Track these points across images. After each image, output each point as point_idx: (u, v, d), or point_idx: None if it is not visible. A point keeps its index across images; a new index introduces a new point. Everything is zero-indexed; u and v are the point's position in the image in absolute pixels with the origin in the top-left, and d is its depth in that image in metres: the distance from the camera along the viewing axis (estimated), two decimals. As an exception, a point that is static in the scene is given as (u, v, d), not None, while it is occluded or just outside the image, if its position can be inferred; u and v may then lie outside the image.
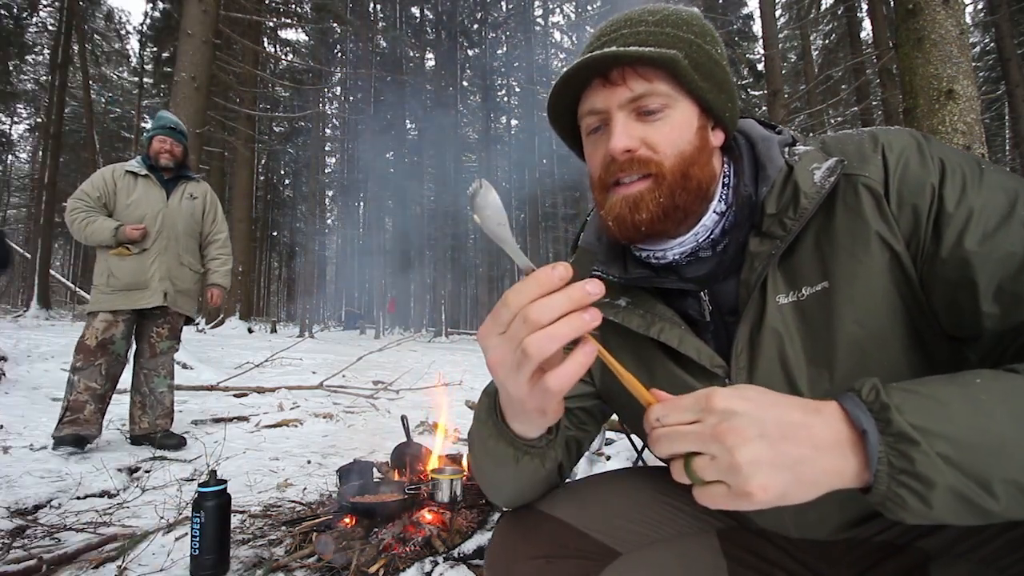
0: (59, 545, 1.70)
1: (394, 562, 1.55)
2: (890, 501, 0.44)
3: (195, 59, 6.45)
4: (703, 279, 0.71)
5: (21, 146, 30.05)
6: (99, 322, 2.89)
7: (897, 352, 0.62)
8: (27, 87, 21.64)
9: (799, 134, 0.73)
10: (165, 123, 3.16)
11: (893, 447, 0.43)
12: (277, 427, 3.61)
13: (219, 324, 13.30)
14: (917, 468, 0.42)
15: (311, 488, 2.34)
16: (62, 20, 16.25)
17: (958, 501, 0.43)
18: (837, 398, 0.48)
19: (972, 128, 2.78)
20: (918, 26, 2.85)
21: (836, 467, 0.45)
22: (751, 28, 21.75)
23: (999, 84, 16.74)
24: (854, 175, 0.63)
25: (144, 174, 3.10)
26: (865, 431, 0.44)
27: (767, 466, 0.43)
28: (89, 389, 2.81)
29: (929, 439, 0.43)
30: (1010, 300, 0.54)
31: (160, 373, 3.07)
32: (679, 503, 0.79)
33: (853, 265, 0.62)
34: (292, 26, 21.17)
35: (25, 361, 5.35)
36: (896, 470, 0.43)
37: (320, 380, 5.52)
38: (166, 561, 1.62)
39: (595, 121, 0.69)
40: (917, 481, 0.42)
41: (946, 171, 0.60)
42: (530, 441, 0.66)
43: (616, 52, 0.62)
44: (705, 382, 0.70)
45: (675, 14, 0.69)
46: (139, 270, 2.97)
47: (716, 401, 0.45)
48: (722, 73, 0.69)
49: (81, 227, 2.93)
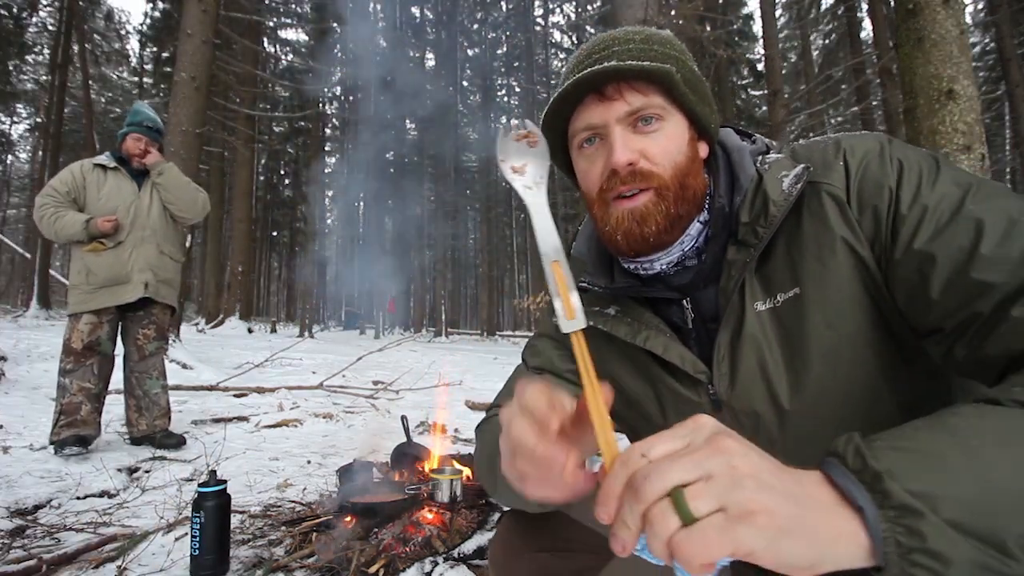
0: (59, 545, 1.70)
1: (394, 562, 1.55)
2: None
3: (195, 59, 6.44)
4: (685, 287, 0.73)
5: (21, 146, 30.07)
6: (83, 324, 2.83)
7: (869, 353, 0.64)
8: (27, 87, 21.62)
9: (773, 142, 0.75)
10: (141, 120, 3.06)
11: (898, 523, 0.37)
12: (277, 427, 3.60)
13: (219, 324, 13.31)
14: (929, 544, 0.37)
15: (311, 488, 2.34)
16: (62, 20, 16.24)
17: (978, 571, 0.38)
18: (820, 467, 0.41)
19: (972, 128, 2.78)
20: (918, 26, 2.85)
21: (840, 528, 0.37)
22: (751, 28, 21.75)
23: (999, 84, 16.75)
24: (818, 182, 0.66)
25: (113, 167, 3.03)
26: (862, 508, 0.38)
27: (771, 487, 0.36)
28: (83, 390, 2.77)
29: (935, 506, 0.37)
30: (959, 292, 0.55)
31: (152, 375, 3.03)
32: None
33: (821, 271, 0.64)
34: (292, 26, 21.17)
35: (25, 361, 5.35)
36: (906, 550, 0.37)
37: (320, 380, 5.51)
38: (166, 561, 1.62)
39: (589, 135, 0.69)
40: (932, 559, 0.37)
41: (903, 172, 0.62)
42: None
43: (617, 66, 0.64)
44: (690, 387, 0.72)
45: (657, 34, 0.72)
46: (117, 263, 2.90)
47: (705, 420, 0.40)
48: (705, 88, 0.72)
49: (50, 223, 2.83)
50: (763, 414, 0.68)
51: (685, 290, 0.73)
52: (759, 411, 0.68)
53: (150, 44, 22.08)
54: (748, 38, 21.55)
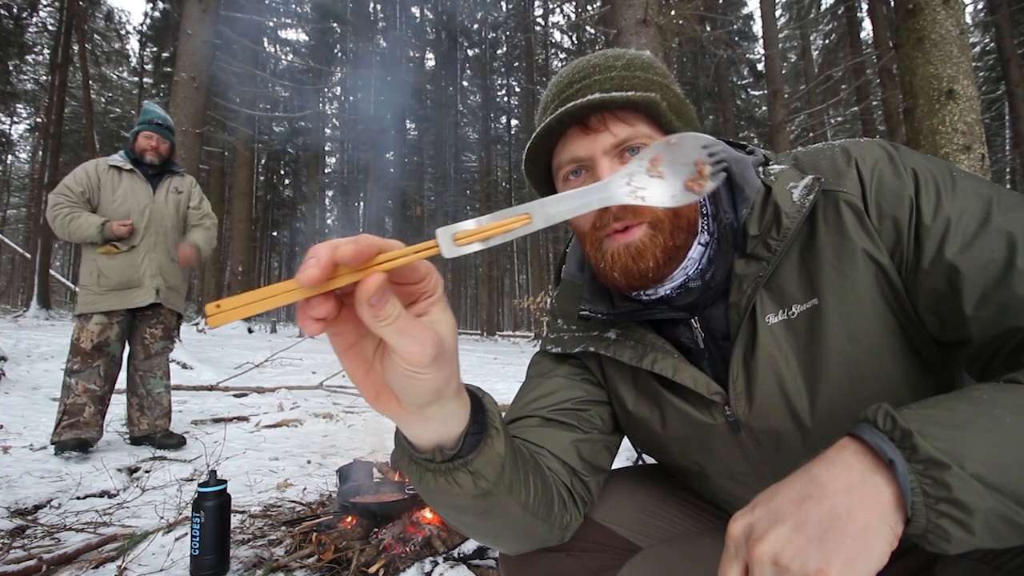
0: (59, 545, 1.70)
1: (394, 562, 1.55)
2: (932, 534, 0.41)
3: (195, 59, 6.45)
4: (692, 306, 0.70)
5: (21, 146, 30.01)
6: (94, 324, 2.83)
7: (890, 363, 0.63)
8: (27, 87, 21.62)
9: (771, 152, 0.74)
10: (152, 118, 3.06)
11: (924, 475, 0.41)
12: (277, 427, 3.60)
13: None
14: (955, 494, 0.40)
15: (311, 488, 2.34)
16: (62, 20, 16.24)
17: (999, 523, 0.41)
18: (851, 431, 0.45)
19: (972, 128, 2.78)
20: (918, 26, 2.85)
21: (872, 495, 0.41)
22: (751, 28, 21.76)
23: (999, 84, 16.73)
24: (832, 191, 0.64)
25: (129, 168, 3.01)
26: (892, 461, 0.42)
27: (795, 541, 0.41)
28: (88, 391, 2.77)
29: (960, 461, 0.40)
30: (995, 307, 0.54)
31: (156, 374, 3.03)
32: (692, 499, 0.80)
33: (840, 281, 0.63)
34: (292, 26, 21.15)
35: (25, 361, 5.35)
36: (933, 499, 0.40)
37: (320, 380, 5.51)
38: (166, 561, 1.62)
39: (574, 167, 0.67)
40: (957, 508, 0.40)
41: (920, 181, 0.61)
42: (432, 451, 0.50)
43: (603, 98, 0.62)
44: (703, 410, 0.69)
45: (638, 58, 0.70)
46: (130, 268, 2.90)
47: (733, 528, 0.46)
48: (690, 111, 0.70)
49: (64, 223, 2.82)
50: (784, 431, 0.66)
51: (691, 309, 0.70)
52: (779, 429, 0.66)
53: (150, 44, 22.07)
54: (748, 38, 21.56)
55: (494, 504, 0.55)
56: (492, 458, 0.51)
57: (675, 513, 0.79)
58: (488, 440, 0.51)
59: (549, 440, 0.71)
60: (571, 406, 0.75)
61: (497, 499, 0.54)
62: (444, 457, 0.49)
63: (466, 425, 0.49)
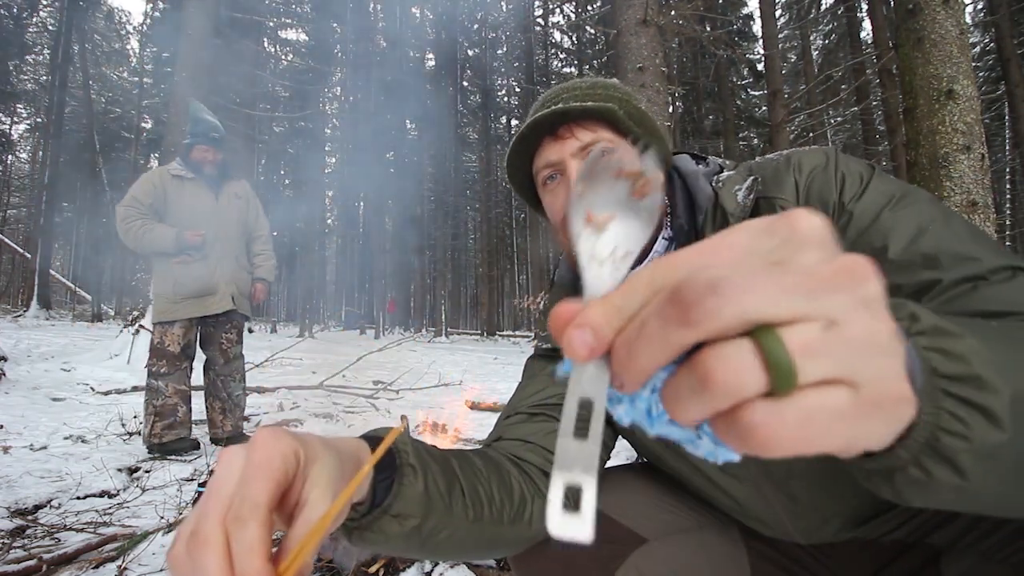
0: (59, 545, 1.70)
1: (394, 562, 1.55)
2: (945, 431, 0.29)
3: (195, 59, 6.45)
4: None
5: (21, 146, 30.05)
6: (178, 328, 2.93)
7: None
8: (27, 87, 21.64)
9: (727, 161, 0.80)
10: (206, 130, 3.09)
11: (931, 348, 0.30)
12: (277, 427, 3.61)
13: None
14: (974, 368, 0.30)
15: (311, 488, 2.34)
16: (62, 20, 16.25)
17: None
18: None
19: (972, 128, 2.79)
20: (918, 26, 2.85)
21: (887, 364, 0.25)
22: (751, 28, 21.76)
23: (999, 84, 16.74)
24: (771, 197, 0.69)
25: (191, 177, 3.06)
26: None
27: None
28: (179, 392, 2.89)
29: (971, 334, 0.31)
30: (909, 264, 0.58)
31: (235, 378, 3.14)
32: (695, 495, 0.82)
33: None
34: (292, 26, 21.16)
35: (25, 361, 5.35)
36: (944, 378, 0.30)
37: (320, 380, 5.52)
38: (166, 561, 1.61)
39: (550, 172, 0.75)
40: (976, 387, 0.30)
41: (845, 183, 0.66)
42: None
43: (563, 108, 0.71)
44: None
45: (603, 81, 0.79)
46: (205, 275, 2.98)
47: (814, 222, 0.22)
48: (652, 122, 0.77)
49: (139, 236, 2.86)
50: None
51: None
52: None
53: (150, 44, 22.09)
54: (748, 38, 21.56)
55: (434, 532, 0.56)
56: (413, 495, 0.52)
57: (680, 508, 0.82)
58: (403, 480, 0.52)
59: (533, 433, 0.75)
60: (557, 400, 0.78)
61: (436, 527, 0.55)
62: (361, 513, 0.50)
63: (371, 479, 0.49)
